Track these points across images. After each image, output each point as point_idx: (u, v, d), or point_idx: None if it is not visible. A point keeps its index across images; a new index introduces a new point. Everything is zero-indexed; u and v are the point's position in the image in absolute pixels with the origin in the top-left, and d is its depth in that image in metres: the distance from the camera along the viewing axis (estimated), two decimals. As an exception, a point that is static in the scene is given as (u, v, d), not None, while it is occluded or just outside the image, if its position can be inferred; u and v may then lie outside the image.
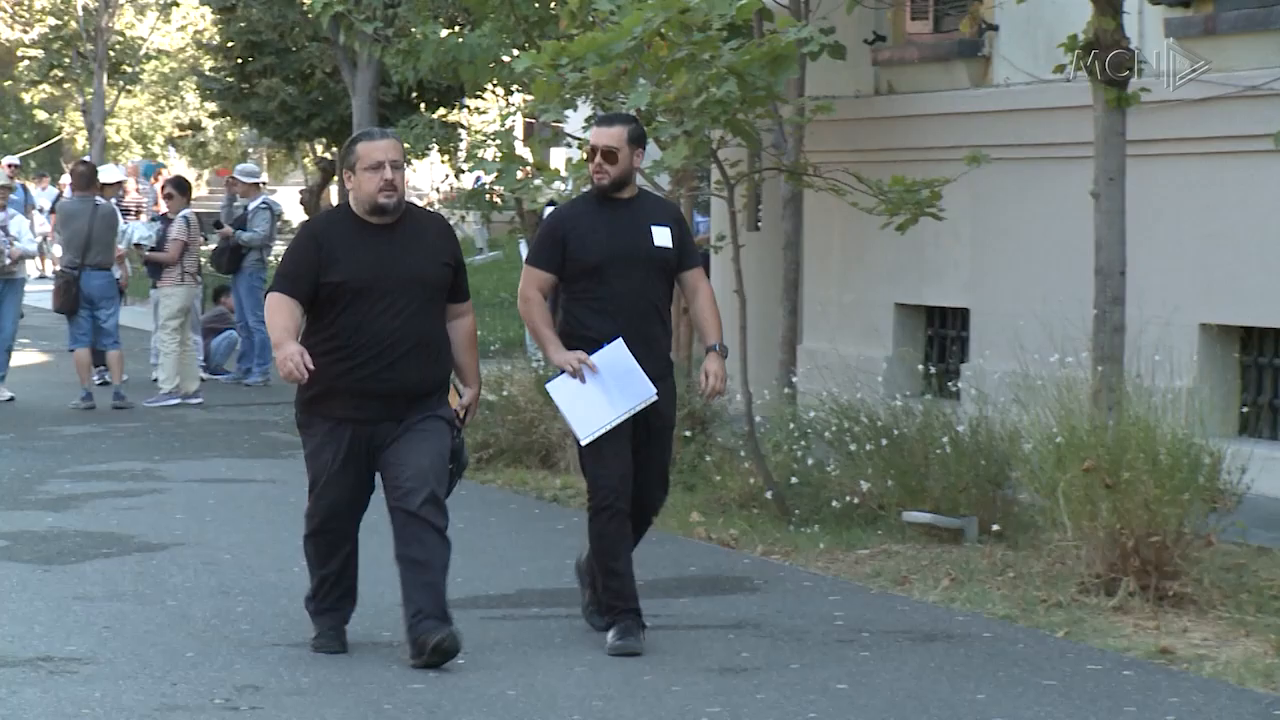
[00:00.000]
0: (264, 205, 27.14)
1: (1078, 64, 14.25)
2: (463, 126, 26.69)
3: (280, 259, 10.53)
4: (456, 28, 22.09)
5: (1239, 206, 15.82)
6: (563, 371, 10.59)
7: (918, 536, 14.32)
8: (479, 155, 21.04)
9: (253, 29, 37.56)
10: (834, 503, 15.01)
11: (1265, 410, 16.97)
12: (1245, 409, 16.80)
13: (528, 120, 26.25)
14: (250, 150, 52.59)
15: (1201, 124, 16.44)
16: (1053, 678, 10.34)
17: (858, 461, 15.28)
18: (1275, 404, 16.93)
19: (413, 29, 22.02)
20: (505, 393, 19.35)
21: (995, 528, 13.98)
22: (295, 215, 48.17)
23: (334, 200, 42.77)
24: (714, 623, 11.95)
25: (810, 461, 15.66)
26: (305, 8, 24.81)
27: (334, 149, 40.91)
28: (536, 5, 19.58)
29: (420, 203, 39.67)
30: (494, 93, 27.88)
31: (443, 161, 23.68)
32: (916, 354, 19.87)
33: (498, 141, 20.44)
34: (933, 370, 18.61)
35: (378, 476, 10.62)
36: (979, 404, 14.94)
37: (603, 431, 10.49)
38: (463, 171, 22.08)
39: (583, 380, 10.48)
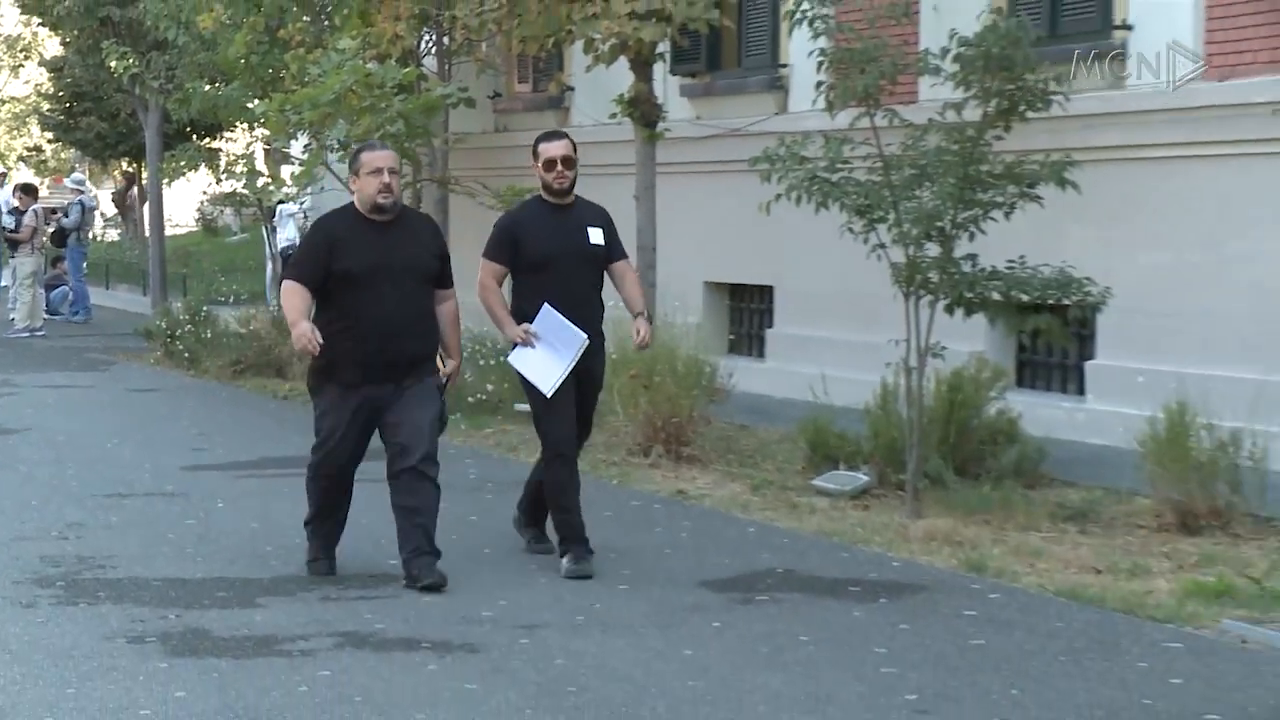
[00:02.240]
0: (78, 203, 28.51)
1: (625, 112, 14.42)
2: (221, 151, 26.30)
3: (296, 251, 8.91)
4: (216, 84, 21.72)
5: (728, 206, 16.05)
6: (516, 344, 8.86)
7: (524, 420, 14.32)
8: (232, 170, 20.76)
9: (76, 84, 37.25)
10: (470, 399, 15.06)
11: (744, 338, 17.33)
12: (732, 337, 17.14)
13: (265, 147, 25.95)
14: (76, 165, 51.22)
15: (706, 153, 16.68)
16: (609, 510, 10.47)
17: (485, 371, 15.35)
18: (750, 334, 17.29)
19: (186, 85, 21.70)
20: (252, 327, 19.44)
21: (574, 414, 14.15)
22: (109, 209, 47.41)
23: (136, 198, 42.19)
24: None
25: (453, 372, 15.68)
26: (112, 70, 24.53)
27: (134, 165, 40.55)
28: (270, 70, 19.33)
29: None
30: (242, 128, 27.42)
31: (209, 174, 23.40)
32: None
33: (244, 161, 20.30)
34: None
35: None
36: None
37: (560, 382, 8.79)
38: (221, 180, 21.76)
39: (533, 347, 8.76)
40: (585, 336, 8.86)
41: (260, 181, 20.65)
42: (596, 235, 9.06)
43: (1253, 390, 10.98)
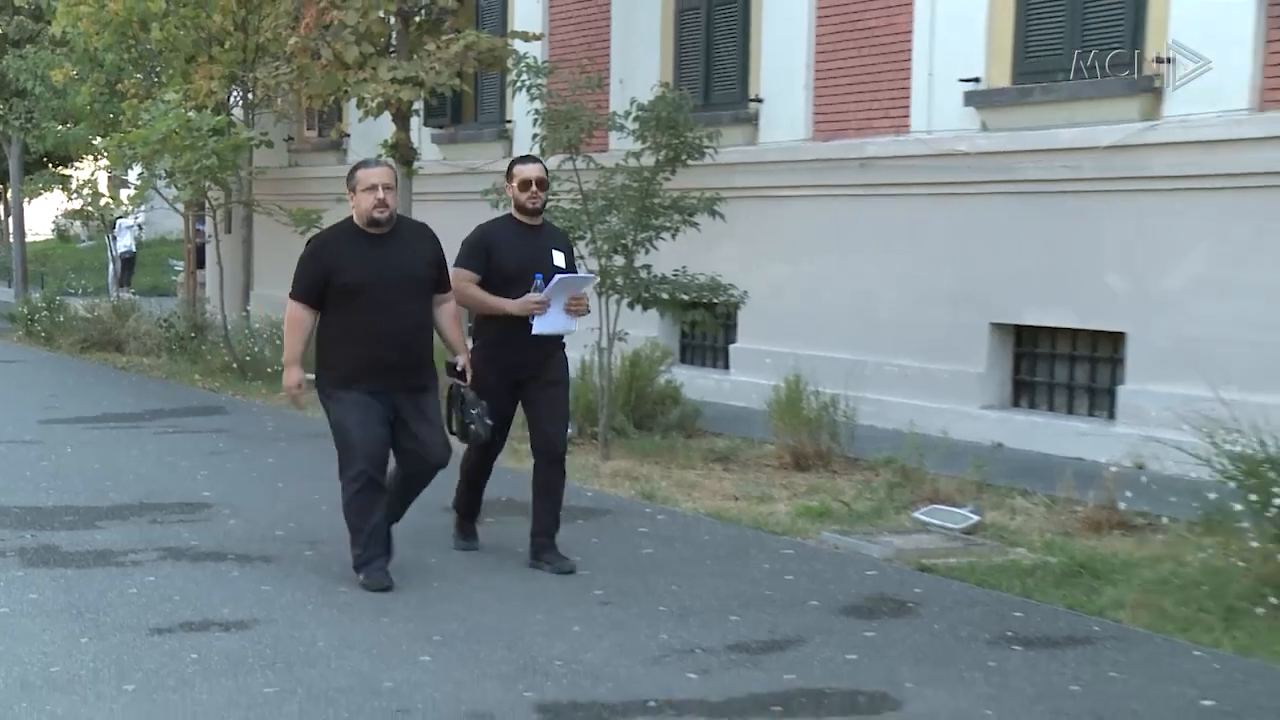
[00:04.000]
0: None
1: (389, 154, 14.23)
2: (71, 176, 25.33)
3: (296, 269, 6.95)
4: (66, 124, 20.99)
5: (467, 227, 15.76)
6: (532, 318, 7.07)
7: (312, 387, 14.09)
8: (80, 191, 20.03)
9: (-48, 123, 35.25)
10: (268, 369, 14.74)
11: (480, 324, 17.22)
12: (470, 325, 17.00)
13: (107, 174, 25.09)
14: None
15: (450, 186, 16.45)
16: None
17: (279, 347, 15.02)
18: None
19: (42, 125, 20.94)
20: (96, 313, 18.91)
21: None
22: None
23: (1, 212, 40.08)
24: (205, 429, 11.66)
25: (256, 348, 15.32)
26: (-21, 113, 23.71)
27: (0, 186, 38.48)
28: (110, 115, 18.79)
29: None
30: (88, 159, 26.46)
31: (62, 193, 22.68)
32: (310, 296, 19.62)
33: (90, 185, 19.67)
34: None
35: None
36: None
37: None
38: (72, 199, 21.08)
39: (547, 309, 7.07)
40: (592, 275, 7.32)
41: (102, 201, 19.99)
42: (559, 257, 7.32)
43: (847, 367, 11.31)
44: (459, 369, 6.99)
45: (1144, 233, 9.94)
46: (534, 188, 7.26)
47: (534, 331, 7.12)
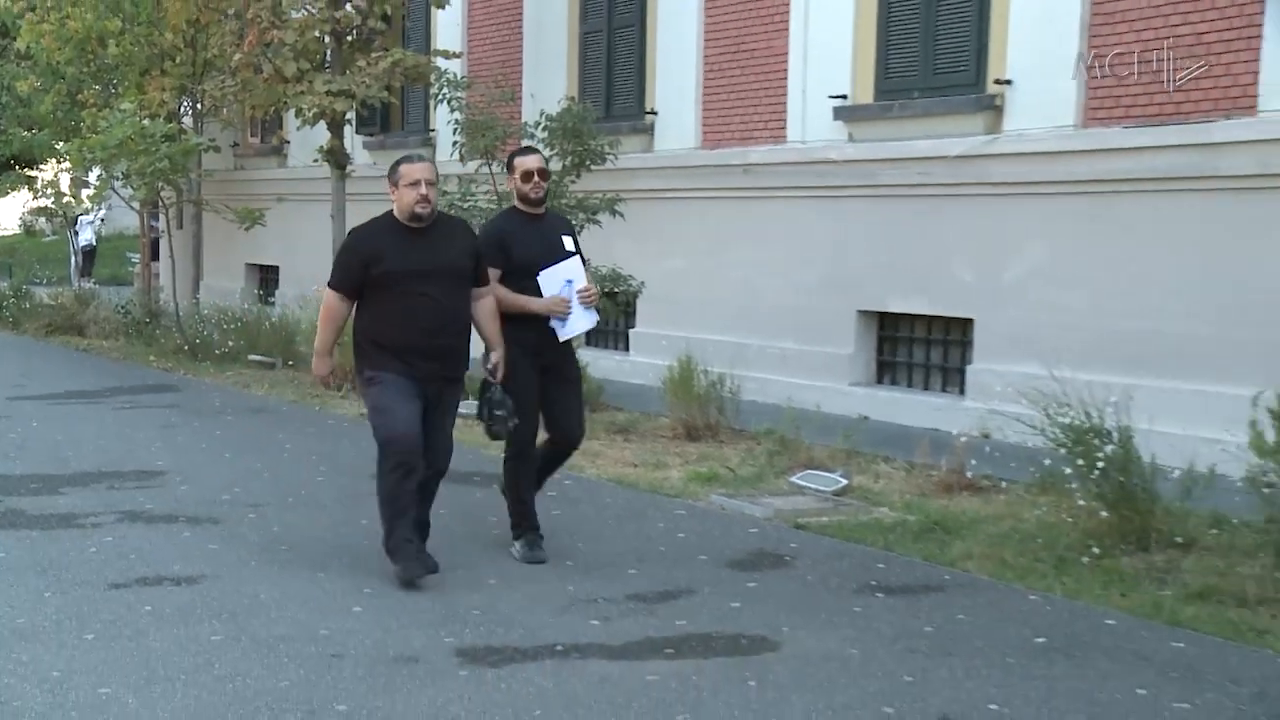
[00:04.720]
0: None
1: (324, 159, 14.04)
2: (36, 178, 24.68)
3: (336, 259, 6.31)
4: (31, 130, 20.44)
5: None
6: (554, 321, 6.34)
7: (256, 367, 13.95)
8: (44, 191, 19.55)
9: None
10: (216, 351, 14.49)
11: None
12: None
13: (70, 176, 24.52)
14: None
15: (380, 187, 16.03)
16: (312, 427, 10.20)
17: (226, 331, 14.82)
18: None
19: (8, 131, 20.42)
20: (59, 300, 18.57)
21: (289, 363, 13.72)
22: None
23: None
24: (158, 405, 11.42)
25: (205, 332, 15.05)
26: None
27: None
28: (71, 122, 18.34)
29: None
30: (51, 162, 25.82)
31: (28, 192, 22.14)
32: (253, 284, 19.28)
33: (53, 185, 19.21)
34: (261, 292, 18.23)
35: None
36: (284, 308, 14.64)
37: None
38: (37, 197, 20.59)
39: (569, 312, 6.29)
40: (574, 255, 6.47)
41: (65, 199, 19.58)
42: (569, 243, 6.53)
43: (733, 349, 11.35)
44: (490, 365, 6.24)
45: (987, 231, 10.08)
46: (536, 177, 6.43)
47: (561, 337, 6.37)
